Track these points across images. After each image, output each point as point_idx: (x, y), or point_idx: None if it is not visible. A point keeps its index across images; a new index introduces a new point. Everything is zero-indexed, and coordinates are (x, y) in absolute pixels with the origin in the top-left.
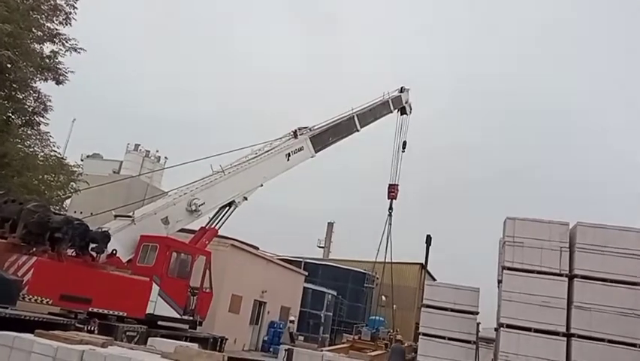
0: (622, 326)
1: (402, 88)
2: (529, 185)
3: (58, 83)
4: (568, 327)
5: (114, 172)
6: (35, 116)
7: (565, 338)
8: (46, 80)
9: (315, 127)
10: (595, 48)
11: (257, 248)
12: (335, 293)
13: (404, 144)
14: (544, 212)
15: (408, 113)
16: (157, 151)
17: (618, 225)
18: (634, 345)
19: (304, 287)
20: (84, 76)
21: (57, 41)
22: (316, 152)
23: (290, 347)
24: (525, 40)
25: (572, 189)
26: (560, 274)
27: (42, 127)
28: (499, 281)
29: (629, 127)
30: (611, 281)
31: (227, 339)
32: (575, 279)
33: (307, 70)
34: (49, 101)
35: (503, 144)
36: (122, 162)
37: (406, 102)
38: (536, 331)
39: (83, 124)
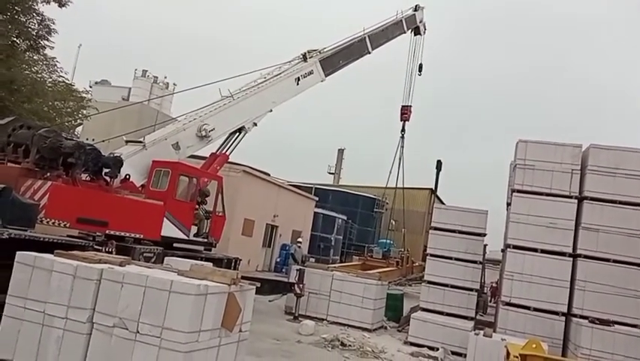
0: (628, 247)
1: (416, 6)
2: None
3: (61, 5)
4: (574, 248)
5: (123, 99)
6: (40, 40)
7: (571, 259)
8: (48, 2)
9: (326, 49)
10: None
11: (268, 175)
12: (345, 218)
13: (420, 66)
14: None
15: (422, 33)
16: (165, 77)
17: (632, 146)
18: (638, 265)
19: (315, 212)
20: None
21: None
22: (326, 75)
23: (301, 267)
24: None
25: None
26: (570, 196)
27: (48, 52)
28: (508, 204)
29: None
30: (621, 203)
31: (240, 260)
32: (585, 201)
33: None
34: (53, 24)
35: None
36: (130, 88)
37: (420, 22)
38: (542, 251)
39: (89, 50)
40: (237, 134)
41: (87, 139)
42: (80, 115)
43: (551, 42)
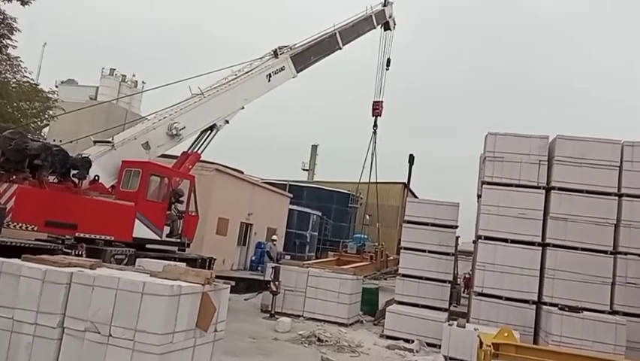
0: (595, 235)
1: (385, 1)
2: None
3: (23, 3)
4: (543, 237)
5: (91, 98)
6: (2, 39)
7: (540, 248)
8: (10, 0)
9: (296, 45)
10: None
11: (242, 172)
12: (320, 214)
13: (388, 61)
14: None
15: (392, 28)
16: (133, 75)
17: (596, 137)
18: (605, 252)
19: (290, 209)
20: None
21: None
22: (298, 72)
23: (277, 264)
24: None
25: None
26: (538, 187)
27: (11, 51)
28: (479, 196)
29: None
30: (587, 192)
31: (215, 259)
32: (553, 191)
33: None
34: (15, 22)
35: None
36: (98, 87)
37: (390, 17)
38: (513, 241)
39: (55, 50)
40: (209, 132)
41: (54, 140)
42: (46, 116)
43: (520, 39)
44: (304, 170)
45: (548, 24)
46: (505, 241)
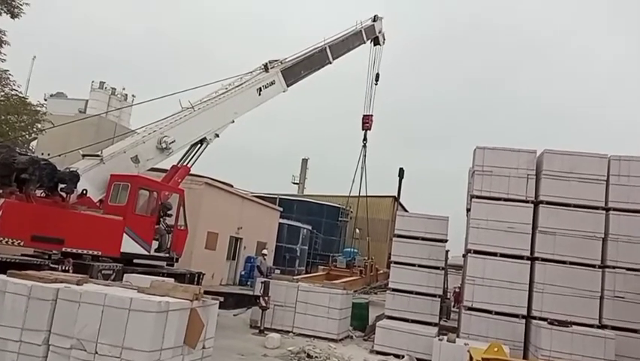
0: (583, 249)
1: (375, 17)
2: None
3: (13, 16)
4: (532, 251)
5: (80, 112)
6: None
7: (529, 262)
8: None
9: (287, 60)
10: None
11: (231, 186)
12: (310, 228)
13: (377, 76)
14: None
15: (381, 43)
16: (123, 89)
17: (584, 151)
18: (593, 266)
19: (280, 223)
20: (42, 11)
21: None
22: (288, 86)
23: (266, 279)
24: None
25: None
26: (526, 201)
27: None
28: (468, 210)
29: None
30: (575, 206)
31: (204, 274)
32: (541, 205)
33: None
34: (5, 35)
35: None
36: (87, 101)
37: (380, 32)
38: (502, 255)
39: (44, 62)
40: (199, 145)
41: (42, 154)
42: (34, 129)
43: (502, 56)
44: (294, 183)
45: (543, 42)
46: (494, 254)
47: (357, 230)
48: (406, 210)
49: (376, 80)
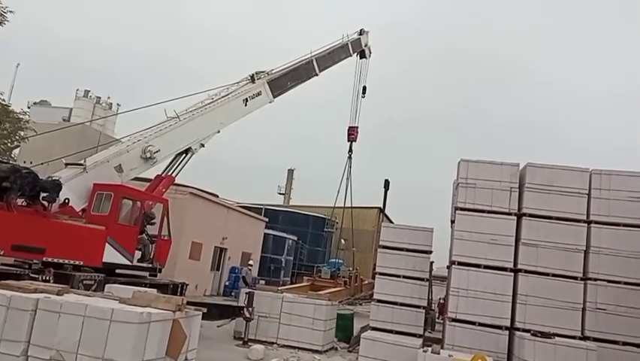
0: (565, 261)
1: (361, 30)
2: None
3: None
4: (515, 263)
5: (64, 120)
6: None
7: (512, 273)
8: None
9: (273, 71)
10: None
11: (216, 196)
12: (295, 238)
13: (364, 89)
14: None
15: (367, 57)
16: (108, 97)
17: (564, 164)
18: (575, 278)
19: (265, 233)
20: (26, 19)
21: None
22: (274, 97)
23: (250, 290)
24: None
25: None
26: (509, 213)
27: None
28: (452, 221)
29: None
30: (557, 219)
31: (187, 285)
32: (524, 217)
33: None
34: None
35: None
36: (71, 109)
37: (366, 45)
38: (485, 267)
39: (28, 70)
40: (184, 155)
41: (24, 162)
42: (16, 137)
43: (489, 71)
44: (280, 194)
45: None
46: (478, 266)
47: (343, 241)
48: (392, 222)
49: (363, 92)
